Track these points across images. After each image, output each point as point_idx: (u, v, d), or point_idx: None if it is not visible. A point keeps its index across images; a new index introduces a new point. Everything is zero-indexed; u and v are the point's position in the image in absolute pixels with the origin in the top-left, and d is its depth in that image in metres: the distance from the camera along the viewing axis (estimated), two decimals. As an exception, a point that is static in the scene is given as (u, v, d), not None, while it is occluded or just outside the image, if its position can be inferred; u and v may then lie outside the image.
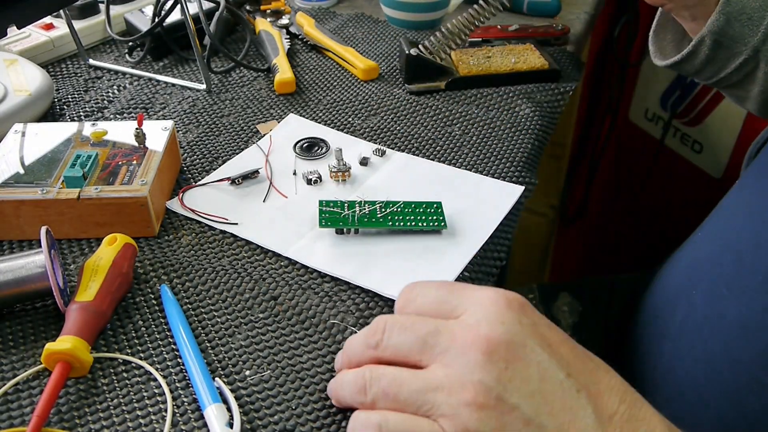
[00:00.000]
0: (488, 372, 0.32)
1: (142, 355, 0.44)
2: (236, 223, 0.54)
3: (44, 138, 0.57)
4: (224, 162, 0.61)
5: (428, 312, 0.36)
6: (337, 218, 0.52)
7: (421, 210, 0.53)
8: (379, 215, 0.53)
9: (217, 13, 0.80)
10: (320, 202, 0.53)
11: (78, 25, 0.78)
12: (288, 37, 0.83)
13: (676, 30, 0.59)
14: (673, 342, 0.53)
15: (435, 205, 0.54)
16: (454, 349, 0.33)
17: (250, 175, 0.59)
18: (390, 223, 0.52)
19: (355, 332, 0.45)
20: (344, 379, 0.38)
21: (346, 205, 0.53)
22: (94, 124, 0.59)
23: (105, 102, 0.71)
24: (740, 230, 0.52)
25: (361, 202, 0.54)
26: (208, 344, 0.44)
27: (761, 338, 0.45)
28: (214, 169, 0.60)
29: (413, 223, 0.52)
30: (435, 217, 0.53)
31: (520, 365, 0.32)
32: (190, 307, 0.47)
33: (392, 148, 0.63)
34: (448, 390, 0.32)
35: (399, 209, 0.53)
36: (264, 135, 0.65)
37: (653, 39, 0.60)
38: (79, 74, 0.76)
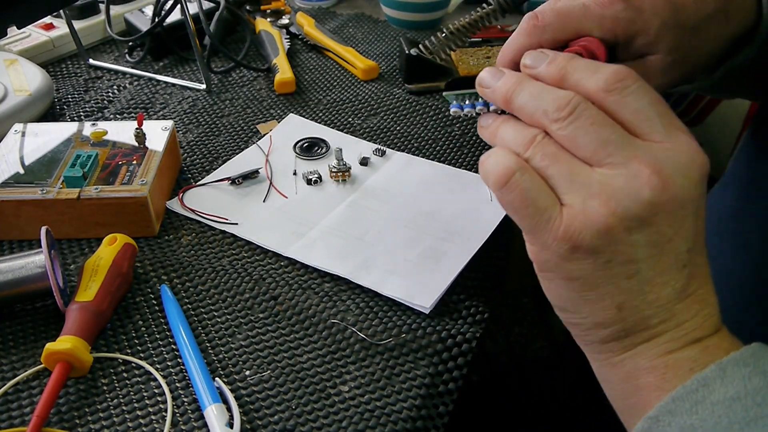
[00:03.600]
0: (637, 208, 0.31)
1: (142, 355, 0.43)
2: (236, 223, 0.54)
3: (44, 138, 0.57)
4: (224, 162, 0.61)
5: (627, 116, 0.34)
6: None
7: None
8: None
9: (217, 13, 0.80)
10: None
11: (78, 25, 0.78)
12: (288, 37, 0.83)
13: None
14: None
15: None
16: (625, 167, 0.32)
17: (250, 175, 0.59)
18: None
19: (356, 332, 0.45)
20: (512, 126, 0.36)
21: None
22: (94, 124, 0.59)
23: (105, 102, 0.71)
24: (722, 233, 0.51)
25: None
26: (208, 344, 0.44)
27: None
28: (214, 169, 0.60)
29: None
30: None
31: (667, 219, 0.32)
32: (190, 307, 0.47)
33: (392, 148, 0.63)
34: (594, 194, 0.32)
35: None
36: (264, 135, 0.65)
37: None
38: (79, 74, 0.76)
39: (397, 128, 0.67)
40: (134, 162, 0.54)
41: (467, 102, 0.40)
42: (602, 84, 0.33)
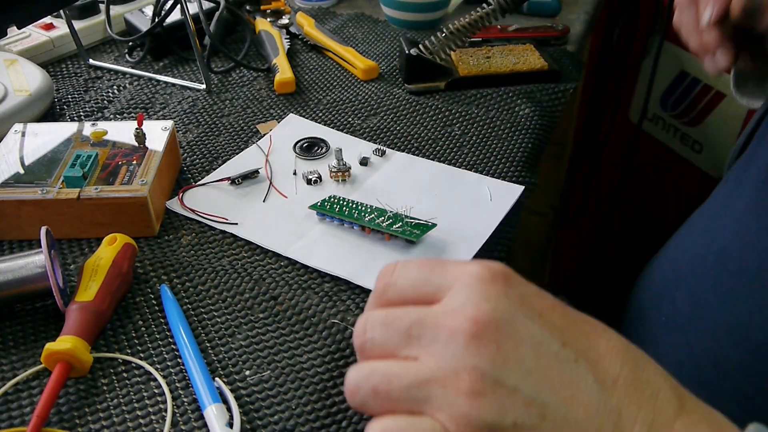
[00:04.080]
0: (480, 356, 0.30)
1: (142, 355, 0.44)
2: (236, 223, 0.54)
3: (44, 138, 0.57)
4: (224, 162, 0.61)
5: (409, 296, 0.33)
6: (328, 205, 0.54)
7: (411, 223, 0.52)
8: (367, 218, 0.52)
9: (217, 13, 0.80)
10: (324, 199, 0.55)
11: (78, 25, 0.78)
12: (288, 37, 0.83)
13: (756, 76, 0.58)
14: (657, 343, 0.53)
15: (430, 227, 0.52)
16: (441, 338, 0.31)
17: (250, 175, 0.59)
18: (370, 222, 0.52)
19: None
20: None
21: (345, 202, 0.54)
22: (94, 124, 0.59)
23: (105, 102, 0.71)
24: (723, 231, 0.51)
25: (360, 204, 0.54)
26: (208, 344, 0.44)
27: (745, 344, 0.44)
28: (214, 169, 0.60)
29: (391, 227, 0.51)
30: (417, 230, 0.51)
31: (511, 344, 0.30)
32: (190, 307, 0.47)
33: (392, 148, 0.63)
34: (442, 382, 0.30)
35: (389, 218, 0.52)
36: (264, 135, 0.65)
37: (736, 90, 0.59)
38: (79, 74, 0.76)
39: (397, 128, 0.67)
40: (134, 162, 0.54)
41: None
42: (377, 293, 0.34)
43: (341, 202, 0.54)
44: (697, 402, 0.31)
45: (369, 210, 0.53)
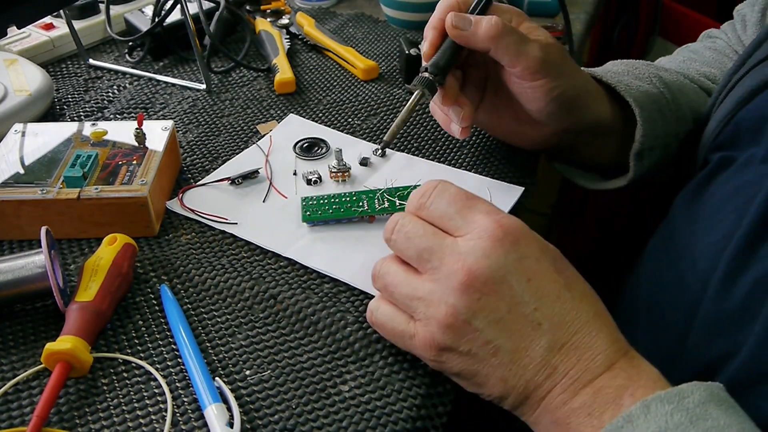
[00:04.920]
0: (462, 300, 0.37)
1: (142, 355, 0.44)
2: (236, 223, 0.54)
3: (44, 138, 0.57)
4: (224, 162, 0.61)
5: (436, 222, 0.41)
6: (319, 212, 0.54)
7: (404, 194, 0.54)
8: (359, 205, 0.53)
9: (217, 13, 0.80)
10: (302, 199, 0.55)
11: (78, 25, 0.78)
12: (288, 37, 0.83)
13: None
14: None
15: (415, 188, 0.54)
16: (441, 270, 0.38)
17: (250, 175, 0.59)
18: (369, 209, 0.53)
19: (355, 332, 0.45)
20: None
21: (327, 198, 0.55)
22: (94, 124, 0.59)
23: (105, 102, 0.71)
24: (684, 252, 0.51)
25: (345, 194, 0.55)
26: (208, 344, 0.44)
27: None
28: (214, 169, 0.60)
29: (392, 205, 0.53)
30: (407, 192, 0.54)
31: (492, 298, 0.37)
32: (190, 307, 0.47)
33: (392, 148, 0.63)
34: (428, 303, 0.38)
35: (381, 196, 0.54)
36: (264, 135, 0.65)
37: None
38: (79, 74, 0.76)
39: (397, 128, 0.67)
40: (134, 162, 0.54)
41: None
42: (413, 204, 0.42)
43: (332, 199, 0.54)
44: (634, 363, 0.37)
45: (360, 197, 0.54)
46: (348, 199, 0.54)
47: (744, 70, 0.52)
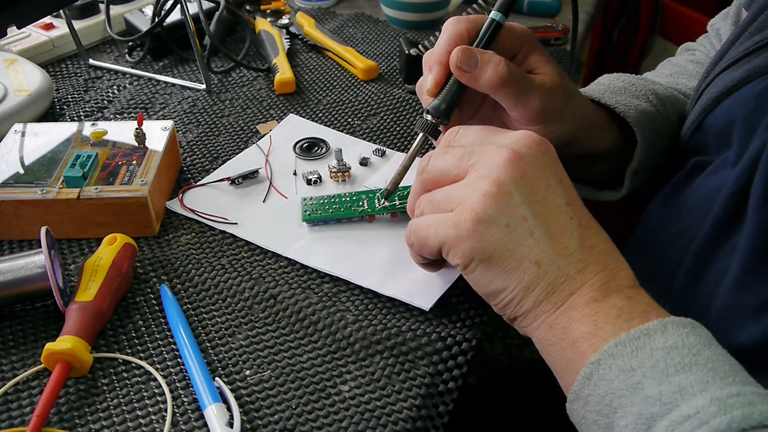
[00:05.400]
0: (507, 172, 0.38)
1: (142, 355, 0.44)
2: (236, 223, 0.54)
3: (44, 138, 0.57)
4: (224, 162, 0.61)
5: (467, 143, 0.42)
6: (319, 211, 0.54)
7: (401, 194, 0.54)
8: (359, 205, 0.53)
9: (217, 13, 0.80)
10: (302, 199, 0.55)
11: (78, 25, 0.78)
12: (288, 37, 0.83)
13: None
14: None
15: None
16: (485, 159, 0.39)
17: (250, 175, 0.59)
18: (369, 209, 0.53)
19: (355, 332, 0.45)
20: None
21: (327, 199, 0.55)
22: (94, 124, 0.59)
23: (105, 102, 0.71)
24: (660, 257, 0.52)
25: (345, 194, 0.55)
26: (208, 344, 0.44)
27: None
28: (214, 169, 0.60)
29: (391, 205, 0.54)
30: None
31: (534, 180, 0.39)
32: (190, 307, 0.47)
33: (392, 148, 0.63)
34: (470, 183, 0.39)
35: (380, 195, 0.54)
36: (264, 135, 0.65)
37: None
38: (79, 74, 0.76)
39: (397, 128, 0.67)
40: (134, 162, 0.54)
41: None
42: (443, 144, 0.44)
43: (332, 199, 0.54)
44: (644, 293, 0.38)
45: (360, 197, 0.54)
46: (348, 199, 0.54)
47: (709, 78, 0.52)
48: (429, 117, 0.48)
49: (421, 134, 0.49)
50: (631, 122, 0.54)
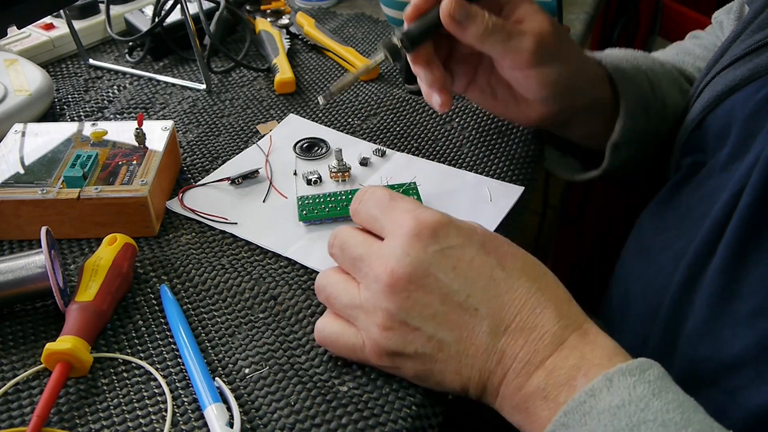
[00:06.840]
0: (392, 301, 0.37)
1: (142, 355, 0.44)
2: (236, 223, 0.54)
3: (44, 138, 0.57)
4: (224, 162, 0.61)
5: (367, 226, 0.42)
6: (315, 211, 0.54)
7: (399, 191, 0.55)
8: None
9: (217, 13, 0.80)
10: (298, 198, 0.55)
11: (78, 25, 0.78)
12: (288, 37, 0.83)
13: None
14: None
15: (411, 185, 0.56)
16: (370, 277, 0.39)
17: (250, 175, 0.59)
18: None
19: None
20: None
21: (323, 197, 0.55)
22: (94, 124, 0.59)
23: (105, 102, 0.71)
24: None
25: (341, 192, 0.55)
26: (208, 344, 0.44)
27: None
28: (214, 169, 0.60)
29: None
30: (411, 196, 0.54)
31: (420, 293, 0.37)
32: (190, 307, 0.47)
33: (392, 148, 0.63)
34: (365, 311, 0.39)
35: None
36: (264, 135, 0.65)
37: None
38: (79, 74, 0.76)
39: (397, 128, 0.67)
40: (134, 162, 0.54)
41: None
42: (352, 207, 0.43)
43: (328, 198, 0.54)
44: (588, 338, 0.36)
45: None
46: (344, 197, 0.54)
47: (710, 75, 0.52)
48: (395, 40, 0.49)
49: (381, 53, 0.50)
50: (619, 90, 0.54)
